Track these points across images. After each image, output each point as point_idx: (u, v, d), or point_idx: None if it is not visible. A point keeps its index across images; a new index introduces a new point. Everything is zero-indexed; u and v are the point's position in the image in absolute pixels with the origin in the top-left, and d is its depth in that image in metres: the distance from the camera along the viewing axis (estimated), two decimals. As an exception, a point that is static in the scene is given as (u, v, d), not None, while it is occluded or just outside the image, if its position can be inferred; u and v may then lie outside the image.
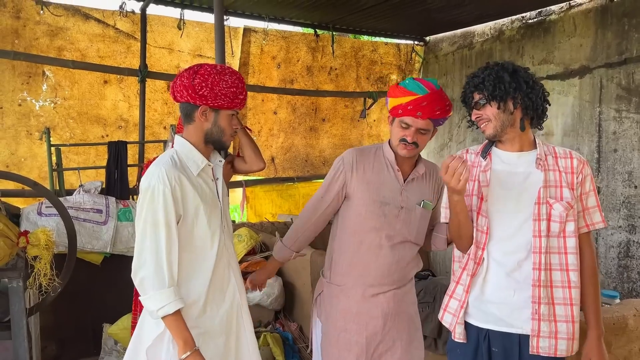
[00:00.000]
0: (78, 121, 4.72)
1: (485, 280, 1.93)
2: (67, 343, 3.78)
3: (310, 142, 5.99)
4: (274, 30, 5.55)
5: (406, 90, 2.02)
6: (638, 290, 4.05)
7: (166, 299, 1.76)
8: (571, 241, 1.86)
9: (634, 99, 4.10)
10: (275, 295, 4.05)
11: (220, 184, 2.04)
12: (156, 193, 1.82)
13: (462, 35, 5.83)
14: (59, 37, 4.56)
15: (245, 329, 2.06)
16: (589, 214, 1.90)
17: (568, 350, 1.85)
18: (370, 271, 2.13)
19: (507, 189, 1.91)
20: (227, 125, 1.96)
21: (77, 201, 3.83)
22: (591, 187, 1.91)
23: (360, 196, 2.12)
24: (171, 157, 1.93)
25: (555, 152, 1.93)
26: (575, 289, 1.86)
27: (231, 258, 2.06)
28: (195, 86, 1.88)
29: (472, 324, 1.96)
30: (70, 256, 3.05)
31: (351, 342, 2.14)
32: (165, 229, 1.81)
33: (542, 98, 1.90)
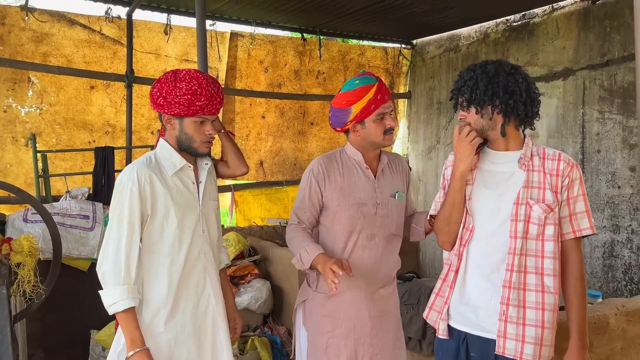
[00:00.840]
0: (64, 127, 4.70)
1: (465, 282, 1.93)
2: (55, 350, 3.76)
3: (299, 145, 6.00)
4: (261, 35, 5.57)
5: (365, 86, 2.06)
6: (623, 289, 4.09)
7: (119, 296, 1.78)
8: (549, 245, 1.80)
9: (616, 100, 4.14)
10: (263, 299, 4.05)
11: (203, 188, 2.03)
12: (125, 190, 1.85)
13: (449, 38, 5.87)
14: (45, 43, 4.54)
15: (221, 337, 2.04)
16: (576, 219, 1.81)
17: (535, 356, 1.77)
18: (357, 273, 2.10)
19: (490, 188, 1.90)
20: (195, 132, 1.94)
21: (63, 207, 3.81)
22: (580, 191, 1.82)
23: (337, 203, 2.12)
24: (147, 157, 1.96)
25: (544, 153, 1.86)
26: (550, 294, 1.79)
27: (209, 264, 2.03)
28: (153, 95, 1.91)
29: (452, 326, 1.95)
30: (55, 263, 3.04)
31: (340, 346, 2.13)
32: (127, 227, 1.83)
33: (527, 102, 1.83)
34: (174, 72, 1.93)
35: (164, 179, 1.93)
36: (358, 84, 2.07)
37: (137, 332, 1.80)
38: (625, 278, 4.09)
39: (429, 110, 6.11)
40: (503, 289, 1.81)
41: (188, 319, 1.96)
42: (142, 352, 1.79)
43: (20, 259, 2.77)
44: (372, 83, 2.07)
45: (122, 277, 1.80)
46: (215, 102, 1.92)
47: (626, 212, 4.07)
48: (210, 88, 1.91)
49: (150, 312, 1.90)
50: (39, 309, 3.14)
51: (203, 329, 2.00)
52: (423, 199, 6.20)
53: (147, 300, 1.91)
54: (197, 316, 1.99)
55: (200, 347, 1.99)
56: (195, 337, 1.98)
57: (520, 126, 1.89)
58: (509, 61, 1.91)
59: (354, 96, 2.06)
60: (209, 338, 2.01)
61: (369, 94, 2.04)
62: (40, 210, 2.98)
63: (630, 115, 4.04)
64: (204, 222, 2.02)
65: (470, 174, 1.95)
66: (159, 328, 1.90)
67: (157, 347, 1.88)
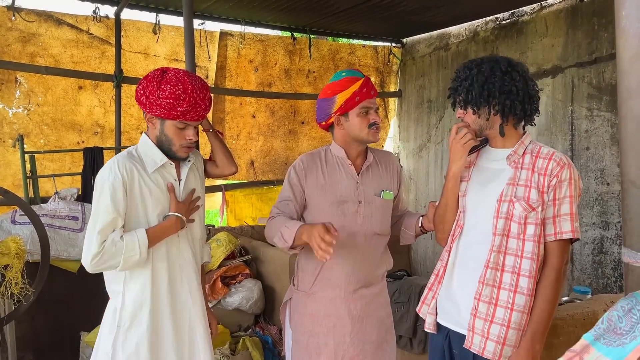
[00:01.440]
0: (52, 128, 4.66)
1: (452, 278, 1.94)
2: (45, 352, 3.74)
3: (290, 145, 5.99)
4: (250, 34, 5.55)
5: (351, 77, 2.06)
6: (612, 285, 4.12)
7: (127, 250, 1.82)
8: (529, 245, 1.76)
9: (604, 98, 4.17)
10: (254, 299, 4.04)
11: (183, 186, 2.01)
12: (106, 183, 1.84)
13: (439, 37, 5.89)
14: (32, 43, 4.50)
15: (198, 338, 2.02)
16: (560, 221, 1.76)
17: (495, 354, 1.77)
18: (335, 272, 2.12)
19: (481, 185, 1.91)
20: (175, 135, 1.91)
21: (52, 208, 3.79)
22: (568, 192, 1.76)
23: (316, 201, 2.11)
24: (128, 151, 1.95)
25: (538, 151, 1.82)
26: (522, 295, 1.76)
27: (186, 263, 2.01)
28: (137, 92, 1.89)
29: (439, 322, 1.97)
30: (43, 264, 3.02)
31: (320, 345, 2.13)
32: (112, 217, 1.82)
33: (524, 100, 1.80)
34: (162, 70, 1.90)
35: (145, 173, 1.91)
36: (344, 75, 2.08)
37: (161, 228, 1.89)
38: (614, 274, 4.12)
39: (419, 108, 6.12)
40: (478, 284, 1.82)
41: (166, 319, 1.95)
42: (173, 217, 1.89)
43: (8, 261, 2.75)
44: (359, 77, 2.08)
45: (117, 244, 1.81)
46: (198, 109, 1.88)
47: (615, 208, 4.10)
48: (196, 94, 1.86)
49: (129, 309, 1.90)
50: (28, 311, 3.12)
51: (180, 329, 1.99)
52: (414, 197, 6.21)
53: (126, 297, 1.90)
54: (174, 316, 1.97)
55: (177, 347, 1.97)
56: (172, 337, 1.96)
57: (520, 123, 1.87)
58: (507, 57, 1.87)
59: (339, 86, 2.06)
60: (185, 339, 2.00)
61: (354, 86, 2.04)
62: (28, 212, 2.96)
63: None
64: None
65: (467, 171, 1.96)
66: (139, 326, 1.90)
67: (137, 345, 1.87)
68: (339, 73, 2.12)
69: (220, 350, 3.44)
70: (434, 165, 5.89)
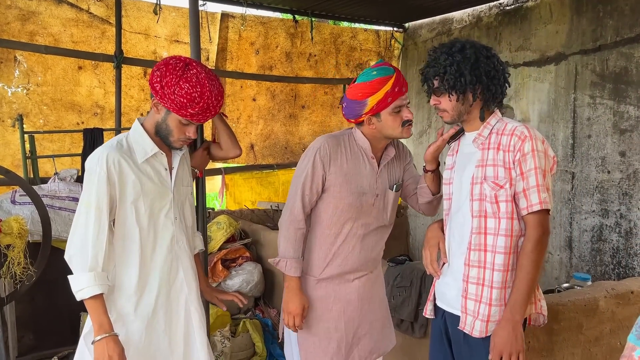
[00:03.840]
0: (52, 108, 4.62)
1: (448, 263, 2.01)
2: (45, 333, 3.74)
3: (290, 129, 5.96)
4: (252, 16, 5.49)
5: (383, 77, 1.98)
6: (611, 273, 4.15)
7: (85, 283, 1.74)
8: (504, 222, 1.81)
9: (607, 86, 4.16)
10: (254, 282, 4.06)
11: (175, 174, 1.99)
12: (93, 175, 1.81)
13: (441, 22, 5.84)
14: (31, 22, 4.44)
15: (194, 326, 2.01)
16: (529, 194, 1.78)
17: (481, 332, 1.83)
18: (348, 261, 2.14)
19: (461, 170, 1.96)
20: (176, 129, 1.89)
21: (52, 189, 3.77)
22: (532, 164, 1.77)
23: (338, 189, 2.07)
24: (118, 141, 1.91)
25: (503, 129, 1.85)
26: (499, 272, 1.81)
27: (181, 251, 2.00)
28: (153, 76, 1.85)
29: (437, 305, 2.06)
30: (44, 245, 3.02)
31: (330, 329, 2.15)
32: (95, 212, 1.79)
33: (503, 84, 1.86)
34: (185, 63, 1.83)
35: (135, 164, 1.88)
36: (375, 75, 1.99)
37: (105, 317, 1.76)
38: (613, 262, 4.14)
39: (420, 94, 6.09)
40: (464, 267, 1.88)
41: (159, 307, 1.93)
42: (109, 338, 1.74)
43: (10, 241, 2.74)
44: (390, 75, 1.99)
45: (88, 264, 1.75)
46: (207, 114, 1.86)
47: (615, 196, 4.11)
48: (210, 101, 1.83)
49: (122, 298, 1.88)
50: (28, 292, 3.12)
51: (175, 317, 1.97)
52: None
53: (119, 286, 1.88)
54: (169, 304, 1.96)
55: (171, 336, 1.96)
56: (166, 326, 1.95)
57: (494, 106, 1.91)
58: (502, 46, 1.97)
59: (371, 88, 1.97)
60: (181, 327, 1.99)
61: (387, 86, 1.97)
62: (29, 192, 2.95)
63: (621, 100, 4.06)
64: (176, 209, 1.98)
65: (452, 159, 2.02)
66: (129, 315, 1.88)
67: (127, 335, 1.85)
68: (369, 71, 2.01)
69: (220, 332, 3.46)
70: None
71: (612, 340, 2.67)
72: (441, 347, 2.03)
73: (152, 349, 1.91)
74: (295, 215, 2.07)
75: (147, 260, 1.90)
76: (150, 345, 1.90)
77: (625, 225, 4.05)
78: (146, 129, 1.93)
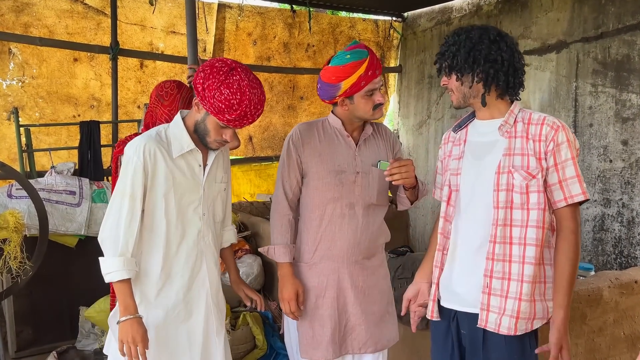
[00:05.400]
0: (48, 101, 4.57)
1: (454, 259, 1.91)
2: (43, 327, 3.72)
3: (289, 120, 5.92)
4: (249, 6, 5.43)
5: (356, 62, 1.99)
6: (612, 263, 4.13)
7: (114, 267, 1.81)
8: (534, 214, 1.74)
9: (609, 74, 4.12)
10: (254, 275, 4.03)
11: (208, 171, 2.00)
12: (129, 164, 1.86)
13: (440, 11, 5.78)
14: (25, 13, 4.38)
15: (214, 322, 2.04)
16: (567, 185, 1.73)
17: (510, 329, 1.74)
18: (336, 242, 2.13)
19: (478, 159, 1.87)
20: (214, 130, 1.90)
21: (49, 183, 3.73)
22: (569, 155, 1.73)
23: (315, 170, 2.12)
24: (158, 132, 1.94)
25: (529, 118, 1.79)
26: (531, 265, 1.74)
27: (206, 247, 2.02)
28: (197, 76, 1.85)
29: (443, 305, 1.95)
30: (41, 239, 2.99)
31: (324, 317, 2.14)
32: (129, 200, 1.84)
33: (508, 72, 1.78)
34: (231, 67, 1.82)
35: (170, 157, 1.91)
36: (349, 59, 2.00)
37: (131, 300, 1.83)
38: (615, 251, 4.12)
39: (420, 84, 6.05)
40: (487, 261, 1.79)
41: (180, 300, 1.96)
42: (133, 320, 1.81)
43: (6, 235, 2.71)
44: (364, 58, 2.00)
45: (119, 248, 1.82)
46: (244, 121, 1.86)
47: (617, 186, 4.08)
48: (249, 109, 1.82)
49: (146, 285, 1.93)
50: (26, 286, 3.09)
51: (195, 311, 2.00)
52: (413, 174, 6.17)
53: (144, 274, 1.93)
54: (190, 298, 1.99)
55: (191, 329, 1.99)
56: (185, 319, 1.98)
57: (504, 96, 1.84)
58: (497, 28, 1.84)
59: (344, 72, 2.00)
60: (201, 321, 2.01)
61: (360, 70, 1.99)
62: (26, 186, 2.91)
63: (623, 88, 4.02)
64: (205, 205, 2.00)
65: (458, 149, 1.93)
66: (151, 303, 1.93)
67: (147, 321, 1.88)
68: (342, 55, 2.04)
69: (221, 325, 3.43)
70: (434, 142, 5.84)
71: (615, 331, 2.66)
72: (445, 349, 1.94)
73: (171, 339, 1.95)
74: (279, 203, 2.16)
75: (171, 253, 1.94)
76: (169, 335, 1.94)
77: (628, 214, 4.02)
78: (186, 125, 1.94)
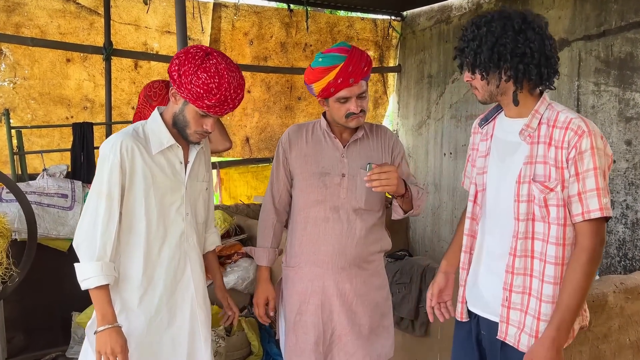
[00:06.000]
0: (40, 102, 4.49)
1: (479, 261, 1.80)
2: (35, 333, 3.67)
3: (286, 121, 5.84)
4: (245, 5, 5.36)
5: (325, 67, 1.91)
6: (617, 265, 4.04)
7: (91, 272, 1.72)
8: (554, 229, 1.59)
9: (612, 72, 4.04)
10: (250, 279, 3.95)
11: (190, 168, 1.92)
12: (106, 162, 1.77)
13: (440, 10, 5.71)
14: (16, 13, 4.30)
15: (200, 326, 1.95)
16: (585, 198, 1.55)
17: (528, 346, 1.63)
18: (320, 247, 2.05)
19: (501, 159, 1.72)
20: (193, 120, 1.81)
21: (40, 186, 3.68)
22: (592, 164, 1.53)
23: (299, 171, 2.08)
24: (135, 128, 1.85)
25: (555, 119, 1.59)
26: (550, 285, 1.61)
27: (190, 249, 1.93)
28: (172, 64, 1.78)
29: (468, 308, 1.86)
30: (30, 244, 2.92)
31: (308, 324, 2.06)
32: (106, 201, 1.75)
33: (540, 63, 1.57)
34: (206, 53, 1.76)
35: (148, 154, 1.82)
36: (320, 62, 1.94)
37: (109, 308, 1.74)
38: (619, 254, 4.04)
39: (419, 84, 5.97)
40: (506, 274, 1.66)
41: (163, 304, 1.87)
42: (112, 329, 1.71)
43: (-10, 240, 2.64)
44: (335, 64, 1.90)
45: (96, 252, 1.73)
46: (225, 107, 1.78)
47: (621, 187, 4.00)
48: (228, 93, 1.75)
49: (127, 291, 1.84)
50: (17, 291, 3.03)
51: (180, 316, 1.91)
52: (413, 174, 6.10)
53: (124, 278, 1.83)
54: (173, 302, 1.90)
55: (175, 335, 1.90)
56: (170, 324, 1.89)
57: (536, 89, 1.66)
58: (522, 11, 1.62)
59: (313, 75, 1.95)
60: (186, 326, 1.92)
61: (329, 76, 1.90)
62: (12, 188, 2.85)
63: (627, 87, 3.94)
64: (187, 205, 1.91)
65: (485, 144, 1.77)
66: (133, 309, 1.84)
67: (129, 328, 1.80)
68: (317, 57, 1.98)
69: (215, 331, 3.35)
70: (434, 142, 5.76)
71: (621, 337, 2.58)
72: (468, 350, 1.85)
73: (154, 346, 1.87)
74: (265, 205, 2.17)
75: (153, 256, 1.85)
76: (152, 342, 1.86)
77: (632, 216, 3.94)
78: (164, 120, 1.87)
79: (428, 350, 2.75)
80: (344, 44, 1.99)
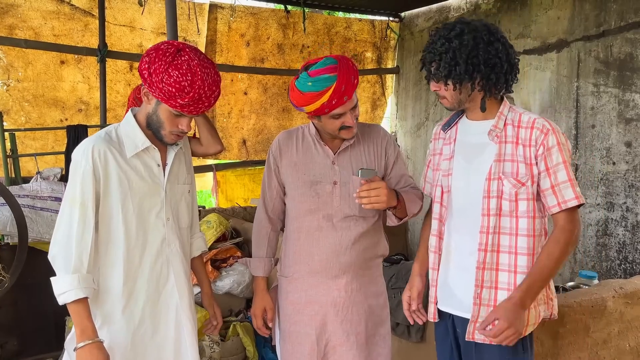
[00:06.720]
0: (34, 104, 4.46)
1: (448, 261, 1.85)
2: (29, 338, 3.62)
3: (283, 123, 5.81)
4: (241, 7, 5.32)
5: (317, 92, 1.82)
6: (616, 268, 4.00)
7: (68, 286, 1.62)
8: (523, 222, 1.70)
9: (612, 73, 3.99)
10: (246, 283, 3.91)
11: (169, 171, 1.84)
12: (78, 168, 1.69)
13: (438, 11, 5.67)
14: (10, 15, 4.27)
15: (185, 336, 1.89)
16: (560, 190, 1.68)
17: None
18: (314, 256, 2.00)
19: (468, 162, 1.81)
20: (167, 120, 1.74)
21: (34, 189, 3.64)
22: (560, 159, 1.68)
23: (290, 180, 2.03)
24: (107, 132, 1.77)
25: (519, 120, 1.74)
26: (523, 275, 1.70)
27: (173, 255, 1.86)
28: (142, 62, 1.70)
29: (440, 309, 1.89)
30: (20, 248, 2.89)
31: (301, 334, 2.02)
32: (80, 209, 1.67)
33: (507, 71, 1.71)
34: (177, 49, 1.68)
35: (123, 158, 1.74)
36: (311, 87, 1.82)
37: (89, 323, 1.65)
38: (619, 257, 3.99)
39: (417, 85, 5.93)
40: (477, 270, 1.73)
41: (147, 315, 1.80)
42: (93, 345, 1.63)
43: (-22, 246, 2.60)
44: (327, 87, 1.81)
45: (72, 264, 1.63)
46: (200, 106, 1.71)
47: (621, 189, 3.96)
48: (202, 91, 1.68)
49: (107, 303, 1.76)
50: (10, 296, 2.99)
51: (164, 326, 1.85)
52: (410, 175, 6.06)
53: (104, 290, 1.75)
54: (157, 312, 1.83)
55: (160, 346, 1.84)
56: (154, 335, 1.83)
57: (499, 94, 1.78)
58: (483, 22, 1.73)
59: (304, 101, 1.85)
60: (171, 336, 1.86)
61: (322, 100, 1.82)
62: (2, 192, 2.81)
63: (626, 88, 3.90)
64: (168, 209, 1.84)
65: (449, 148, 1.87)
66: (115, 322, 1.76)
67: (112, 342, 1.73)
68: (304, 80, 1.84)
69: (209, 336, 3.31)
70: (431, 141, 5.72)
71: (620, 343, 2.53)
72: (447, 350, 1.90)
73: (139, 358, 1.80)
74: (258, 214, 2.14)
75: (134, 265, 1.77)
76: (137, 354, 1.79)
77: (632, 218, 3.90)
78: (138, 122, 1.79)
79: (424, 356, 2.71)
80: (331, 60, 1.87)
